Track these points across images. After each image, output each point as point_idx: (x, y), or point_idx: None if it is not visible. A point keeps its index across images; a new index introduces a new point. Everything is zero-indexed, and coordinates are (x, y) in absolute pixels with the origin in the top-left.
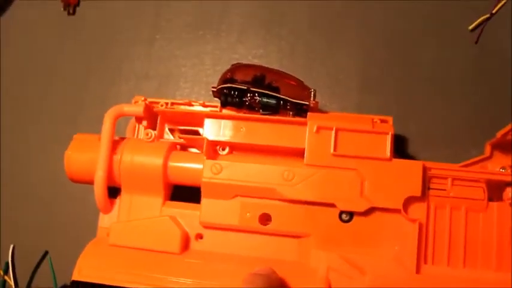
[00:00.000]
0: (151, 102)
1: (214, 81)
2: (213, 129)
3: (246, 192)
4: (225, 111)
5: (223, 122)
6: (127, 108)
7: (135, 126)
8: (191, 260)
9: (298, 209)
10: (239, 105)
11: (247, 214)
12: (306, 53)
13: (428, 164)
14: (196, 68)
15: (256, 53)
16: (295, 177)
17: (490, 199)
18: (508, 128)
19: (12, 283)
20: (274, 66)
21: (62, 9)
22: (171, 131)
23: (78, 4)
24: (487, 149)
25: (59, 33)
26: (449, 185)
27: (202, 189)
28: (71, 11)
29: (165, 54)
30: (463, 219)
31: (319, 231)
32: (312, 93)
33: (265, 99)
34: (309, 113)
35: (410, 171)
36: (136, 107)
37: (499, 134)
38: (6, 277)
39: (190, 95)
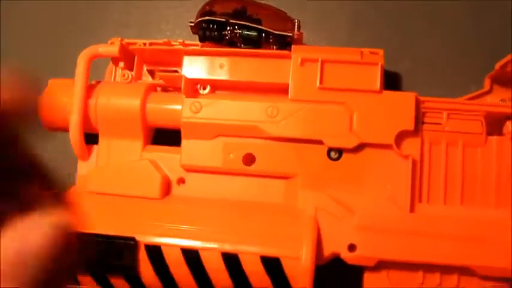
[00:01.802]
0: (128, 43)
1: None
2: (192, 67)
3: (228, 131)
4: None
5: (202, 58)
6: (102, 48)
7: (113, 70)
8: (172, 205)
9: (284, 148)
10: (219, 40)
11: (231, 155)
12: None
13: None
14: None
15: None
16: (280, 113)
17: (489, 133)
18: (507, 58)
19: None
20: None
21: None
22: (150, 72)
23: None
24: (487, 83)
25: None
26: (444, 118)
27: (182, 130)
28: None
29: None
30: (460, 154)
31: (306, 170)
32: (296, 24)
33: (245, 32)
34: (293, 46)
35: (402, 103)
36: (111, 47)
37: (497, 66)
38: None
39: (171, 37)
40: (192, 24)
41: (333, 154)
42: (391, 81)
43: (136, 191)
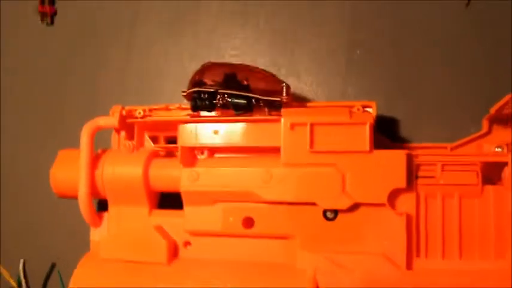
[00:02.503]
0: (128, 111)
1: None
2: (188, 135)
3: (226, 197)
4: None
5: (196, 126)
6: (102, 121)
7: (118, 136)
8: (179, 270)
9: (281, 210)
10: (210, 108)
11: (230, 219)
12: (287, 36)
13: (415, 150)
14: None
15: (235, 44)
16: (273, 178)
17: (489, 179)
18: (503, 101)
19: None
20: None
21: (40, 21)
22: (152, 138)
23: (55, 13)
24: (485, 125)
25: (37, 44)
26: (438, 171)
27: (182, 198)
28: (48, 22)
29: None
30: (457, 206)
31: (303, 231)
32: (285, 88)
33: (235, 100)
34: (282, 110)
35: (393, 162)
36: (111, 120)
37: (492, 110)
38: None
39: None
40: (185, 94)
41: (328, 214)
42: (389, 125)
43: (146, 257)
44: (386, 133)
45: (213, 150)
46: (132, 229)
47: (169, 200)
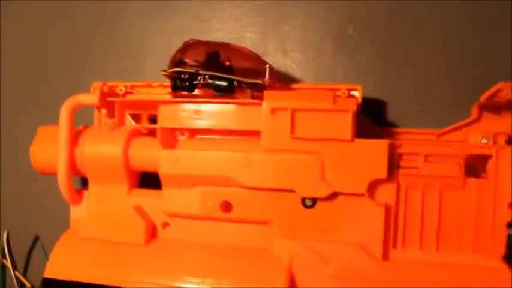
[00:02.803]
0: (110, 87)
1: None
2: (168, 116)
3: (204, 181)
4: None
5: (177, 107)
6: (82, 98)
7: (99, 113)
8: (156, 251)
9: (259, 196)
10: (190, 89)
11: (209, 202)
12: (275, 11)
13: (399, 136)
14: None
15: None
16: (253, 164)
17: (474, 169)
18: (494, 89)
19: (10, 266)
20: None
21: None
22: (133, 116)
23: None
24: (474, 112)
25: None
26: (421, 162)
27: (161, 180)
28: None
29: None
30: (437, 198)
31: (281, 218)
32: (268, 70)
33: (216, 82)
34: (265, 92)
35: (374, 152)
36: (90, 97)
37: (482, 98)
38: (4, 261)
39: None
40: (165, 73)
41: (307, 202)
42: (376, 108)
43: (124, 237)
44: (373, 116)
45: (194, 132)
46: (111, 208)
47: (153, 177)
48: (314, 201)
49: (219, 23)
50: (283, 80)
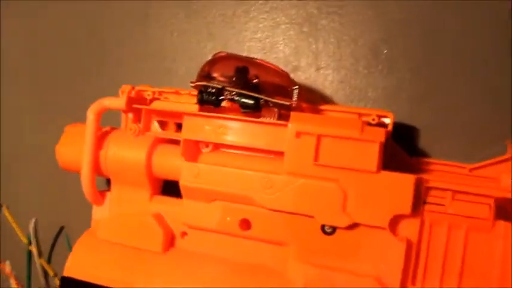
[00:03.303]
0: (138, 92)
1: None
2: (192, 128)
3: (224, 197)
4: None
5: (202, 120)
6: (108, 102)
7: (126, 117)
8: (172, 260)
9: (279, 217)
10: (216, 104)
11: (228, 218)
12: (311, 26)
13: (429, 167)
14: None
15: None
16: (274, 186)
17: (503, 209)
18: None
19: (36, 253)
20: None
21: None
22: (160, 123)
23: None
24: (509, 149)
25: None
26: (449, 199)
27: (182, 191)
28: None
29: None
30: (462, 239)
31: (299, 241)
32: (296, 91)
33: (243, 100)
34: (292, 114)
35: (400, 186)
36: (118, 101)
37: None
38: (30, 247)
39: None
40: (193, 85)
41: (327, 228)
42: (408, 134)
43: (142, 244)
44: (403, 141)
45: (218, 145)
46: (131, 214)
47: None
48: (334, 228)
49: (252, 33)
50: (313, 97)
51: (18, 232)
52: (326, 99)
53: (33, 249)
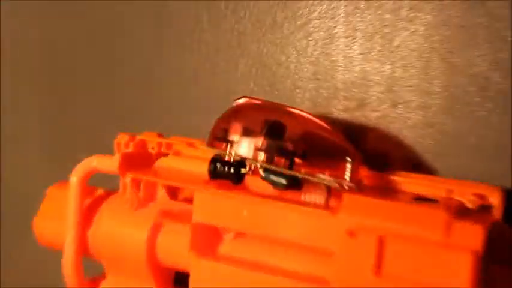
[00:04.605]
0: (140, 142)
1: None
2: (205, 208)
3: None
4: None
5: (217, 199)
6: (97, 162)
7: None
8: None
9: None
10: (236, 179)
11: None
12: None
13: None
14: None
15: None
16: None
17: None
18: None
19: None
20: None
21: None
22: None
23: None
24: None
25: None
26: None
27: None
28: None
29: None
30: None
31: None
32: (350, 165)
33: (272, 177)
34: (344, 196)
35: None
36: (109, 162)
37: None
38: None
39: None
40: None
41: None
42: None
43: None
44: None
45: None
46: None
47: None
48: None
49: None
50: (381, 152)
51: None
52: (400, 155)
53: None
